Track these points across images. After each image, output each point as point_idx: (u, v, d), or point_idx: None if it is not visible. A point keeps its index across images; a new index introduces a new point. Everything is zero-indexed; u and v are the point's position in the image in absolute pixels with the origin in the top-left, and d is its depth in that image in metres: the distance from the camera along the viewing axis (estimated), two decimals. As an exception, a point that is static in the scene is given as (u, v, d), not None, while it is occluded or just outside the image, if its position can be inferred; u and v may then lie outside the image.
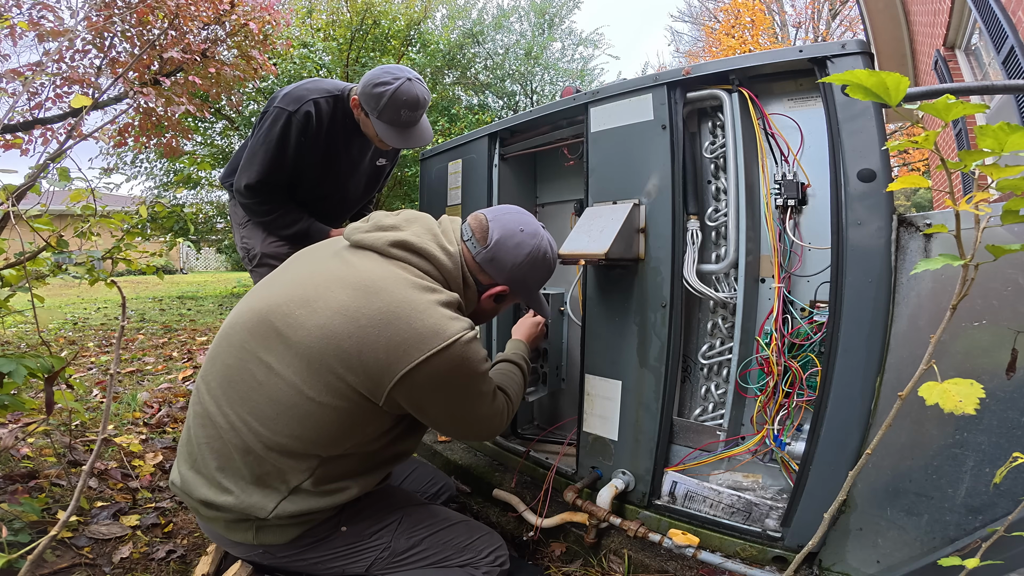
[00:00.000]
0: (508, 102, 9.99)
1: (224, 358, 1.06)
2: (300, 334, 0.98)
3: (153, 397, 2.63)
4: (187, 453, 1.09)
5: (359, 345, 0.95)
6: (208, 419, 1.05)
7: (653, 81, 1.38)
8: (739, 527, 1.27)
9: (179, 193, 9.49)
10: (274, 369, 0.99)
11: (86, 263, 1.33)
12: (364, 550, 1.09)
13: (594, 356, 1.51)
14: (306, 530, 1.06)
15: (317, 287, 1.02)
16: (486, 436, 1.20)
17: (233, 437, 1.01)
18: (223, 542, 1.13)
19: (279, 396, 0.98)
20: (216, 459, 1.04)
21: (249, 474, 1.01)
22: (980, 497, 0.96)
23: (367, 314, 0.96)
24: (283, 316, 1.00)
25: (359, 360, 0.95)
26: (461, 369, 1.00)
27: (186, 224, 1.86)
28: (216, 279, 14.04)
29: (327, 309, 0.98)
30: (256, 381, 1.00)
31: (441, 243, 1.10)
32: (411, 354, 0.95)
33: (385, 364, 0.95)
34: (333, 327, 0.96)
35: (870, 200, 1.10)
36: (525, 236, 1.14)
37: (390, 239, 1.07)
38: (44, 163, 1.30)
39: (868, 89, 0.62)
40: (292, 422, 0.98)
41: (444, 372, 0.98)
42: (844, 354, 1.12)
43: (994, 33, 3.57)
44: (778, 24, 15.24)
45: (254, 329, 1.03)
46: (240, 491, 1.01)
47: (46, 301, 1.42)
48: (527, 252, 1.14)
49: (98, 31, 4.50)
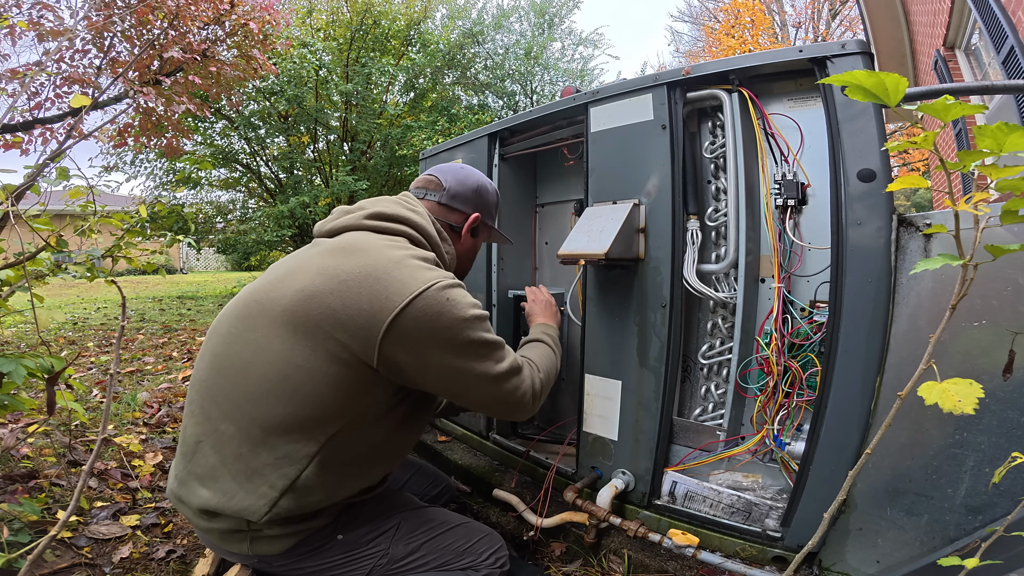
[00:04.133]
0: (508, 102, 9.99)
1: (212, 348, 1.05)
2: (283, 302, 0.98)
3: (153, 397, 2.63)
4: (182, 454, 1.06)
5: (343, 300, 0.95)
6: (201, 413, 1.02)
7: (653, 81, 1.38)
8: (739, 527, 1.27)
9: (179, 193, 9.49)
10: (260, 345, 0.98)
11: (86, 262, 1.33)
12: (362, 558, 1.06)
13: (594, 356, 1.51)
14: (301, 540, 1.03)
15: (299, 264, 1.06)
16: (511, 402, 1.10)
17: (227, 427, 0.98)
18: (220, 551, 1.11)
19: (268, 372, 0.96)
20: (210, 454, 1.00)
21: (244, 469, 0.97)
22: (980, 497, 0.96)
23: (347, 270, 0.98)
24: (265, 292, 1.03)
25: (346, 314, 0.94)
26: (448, 309, 0.98)
27: (186, 223, 1.86)
28: (216, 279, 14.03)
29: (308, 273, 1.00)
30: (244, 362, 0.99)
31: (409, 206, 1.18)
32: (393, 300, 0.95)
33: (370, 315, 0.94)
34: (315, 286, 0.97)
35: (870, 200, 1.10)
36: (466, 170, 1.31)
37: (363, 214, 1.13)
38: (43, 163, 1.30)
39: (867, 90, 0.62)
40: (283, 397, 0.95)
41: (432, 314, 0.96)
42: (844, 354, 1.12)
43: (994, 33, 3.57)
44: (778, 24, 15.24)
45: (240, 313, 1.04)
46: (234, 491, 0.97)
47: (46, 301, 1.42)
48: (476, 178, 1.30)
49: (98, 31, 4.50)
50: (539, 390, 1.17)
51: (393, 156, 8.71)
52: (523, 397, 1.11)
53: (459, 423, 2.09)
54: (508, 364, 1.08)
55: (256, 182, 9.72)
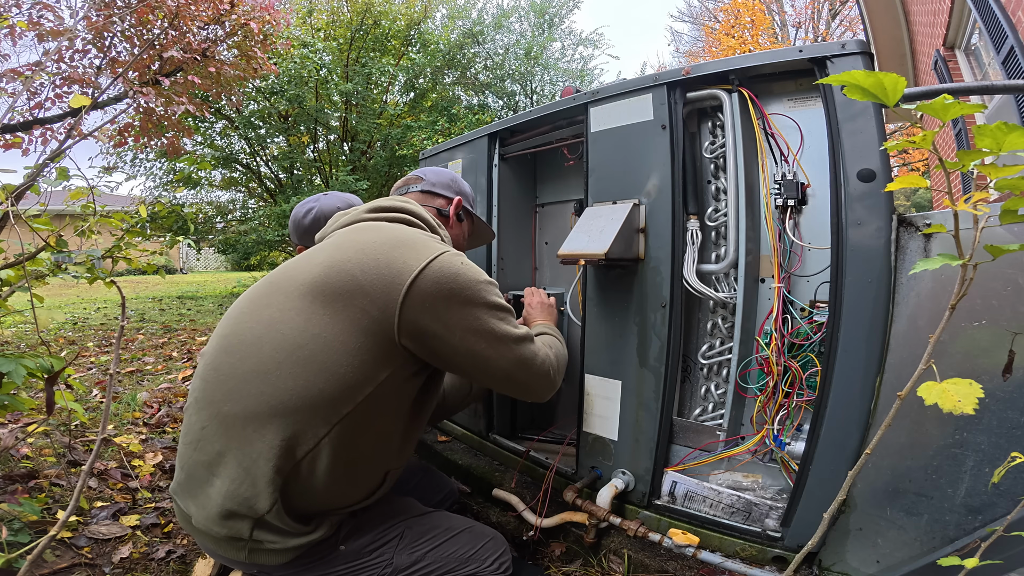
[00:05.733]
0: (508, 102, 10.00)
1: (221, 331, 1.04)
2: (302, 277, 1.00)
3: (153, 397, 2.63)
4: (186, 444, 1.02)
5: (363, 267, 0.98)
6: (205, 399, 0.99)
7: (653, 81, 1.38)
8: (739, 527, 1.27)
9: (179, 193, 9.50)
10: (275, 318, 0.97)
11: (86, 262, 1.33)
12: (365, 568, 1.04)
13: (594, 356, 1.51)
14: (301, 552, 0.99)
15: (314, 250, 1.10)
16: (533, 367, 1.10)
17: (232, 407, 0.94)
18: (219, 558, 1.08)
19: (282, 342, 0.94)
20: (215, 440, 0.96)
21: (250, 453, 0.93)
22: (979, 497, 0.96)
23: (367, 240, 1.04)
24: (282, 273, 1.06)
25: (366, 279, 0.96)
26: (464, 272, 1.02)
27: (186, 224, 1.86)
28: (216, 279, 14.04)
29: (326, 251, 1.04)
30: (255, 336, 0.97)
31: (400, 199, 1.25)
32: (411, 264, 0.98)
33: (390, 278, 0.97)
34: (335, 258, 1.00)
35: (870, 200, 1.10)
36: (438, 167, 1.44)
37: (362, 209, 1.20)
38: (43, 163, 1.30)
39: (866, 90, 0.62)
40: (297, 367, 0.93)
41: (450, 275, 1.00)
42: (844, 354, 1.12)
43: (994, 33, 3.57)
44: (778, 24, 15.25)
45: (252, 296, 1.05)
46: (240, 477, 0.93)
47: (46, 301, 1.42)
48: (449, 172, 1.41)
49: (98, 31, 4.50)
50: (554, 363, 1.19)
51: (393, 156, 8.71)
52: (543, 365, 1.13)
53: (458, 423, 2.09)
54: (524, 331, 1.11)
55: (256, 182, 9.73)
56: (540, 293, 1.57)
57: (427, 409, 1.16)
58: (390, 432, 1.06)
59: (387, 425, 1.05)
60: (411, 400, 1.07)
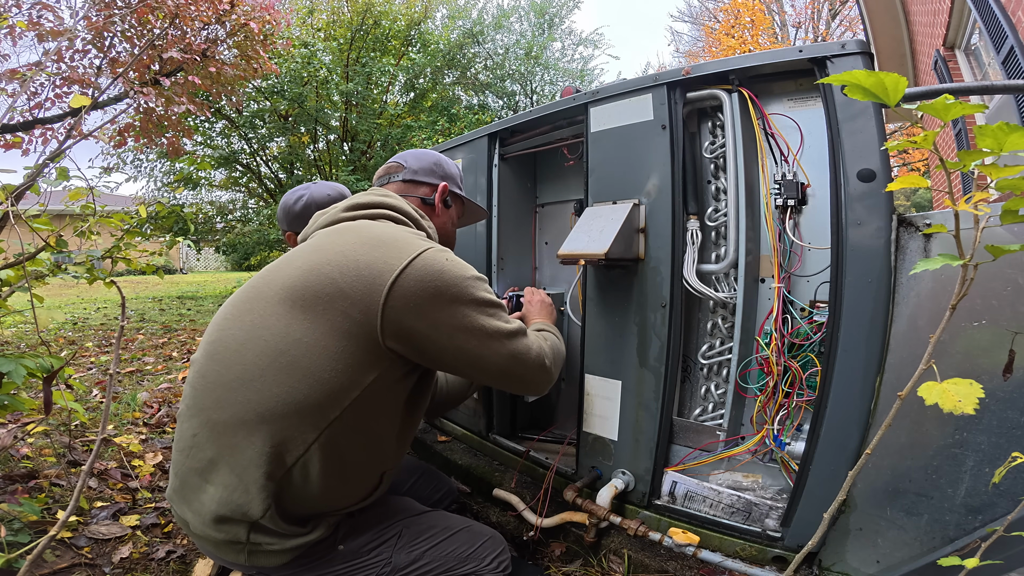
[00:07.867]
0: (508, 102, 10.00)
1: (207, 338, 1.04)
2: (280, 281, 0.98)
3: (153, 397, 2.63)
4: (179, 451, 1.02)
5: (342, 269, 0.95)
6: (195, 405, 0.99)
7: (653, 81, 1.38)
8: (739, 527, 1.27)
9: (179, 193, 9.50)
10: (256, 324, 0.96)
11: (86, 262, 1.33)
12: (364, 567, 1.04)
13: (594, 356, 1.51)
14: (300, 553, 1.00)
15: (292, 254, 1.08)
16: (527, 361, 1.08)
17: (220, 415, 0.94)
18: (219, 560, 1.08)
19: (264, 348, 0.93)
20: (207, 447, 0.96)
21: (241, 459, 0.93)
22: (979, 497, 0.96)
23: (345, 242, 1.01)
24: (261, 278, 1.04)
25: (346, 282, 0.94)
26: (449, 268, 0.99)
27: (186, 224, 1.86)
28: (216, 279, 14.03)
29: (303, 254, 1.03)
30: (239, 343, 0.96)
31: (378, 193, 1.20)
32: (392, 263, 0.95)
33: (370, 279, 0.94)
34: (313, 262, 0.98)
35: (870, 200, 1.10)
36: (421, 149, 1.38)
37: (338, 209, 1.16)
38: (43, 163, 1.30)
39: (866, 89, 0.62)
40: (281, 374, 0.92)
41: (434, 272, 0.97)
42: (844, 354, 1.12)
43: (994, 33, 3.57)
44: (778, 24, 15.25)
45: (235, 301, 1.05)
46: (233, 484, 0.93)
47: (46, 301, 1.42)
48: (433, 154, 1.35)
49: (98, 31, 4.50)
50: (550, 354, 1.15)
51: (393, 156, 8.71)
52: (538, 358, 1.10)
53: (458, 423, 2.09)
54: (517, 324, 1.08)
55: (256, 182, 9.73)
56: (540, 293, 1.57)
57: (421, 408, 1.15)
58: (383, 434, 1.05)
59: (380, 427, 1.03)
60: (403, 401, 1.06)
